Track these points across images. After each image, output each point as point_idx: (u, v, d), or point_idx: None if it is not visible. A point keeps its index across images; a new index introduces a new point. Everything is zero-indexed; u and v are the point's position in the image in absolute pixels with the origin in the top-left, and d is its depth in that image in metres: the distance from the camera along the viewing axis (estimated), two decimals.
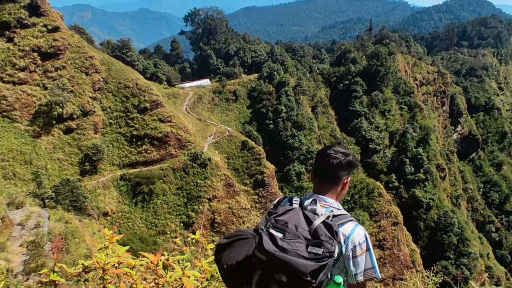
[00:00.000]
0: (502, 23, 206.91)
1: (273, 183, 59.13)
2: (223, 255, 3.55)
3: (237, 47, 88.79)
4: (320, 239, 3.20)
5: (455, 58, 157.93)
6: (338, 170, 3.71)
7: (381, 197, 64.85)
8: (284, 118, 72.82)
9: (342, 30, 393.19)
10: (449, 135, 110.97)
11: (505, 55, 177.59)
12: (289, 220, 3.33)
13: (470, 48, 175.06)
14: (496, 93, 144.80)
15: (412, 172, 79.87)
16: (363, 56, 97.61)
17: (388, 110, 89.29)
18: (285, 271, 3.11)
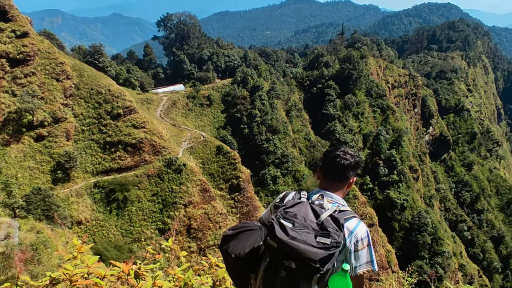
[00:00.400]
0: (469, 27, 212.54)
1: (248, 187, 59.08)
2: (230, 245, 3.78)
3: (210, 52, 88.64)
4: (328, 231, 3.44)
5: (425, 61, 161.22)
6: (348, 171, 4.04)
7: (356, 199, 65.60)
8: (259, 122, 72.96)
9: (315, 35, 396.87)
10: (421, 136, 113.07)
11: (473, 58, 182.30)
12: (297, 212, 3.57)
13: (439, 51, 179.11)
14: (465, 95, 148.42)
15: (386, 173, 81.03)
16: (336, 60, 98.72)
17: (361, 113, 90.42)
18: (294, 258, 3.31)
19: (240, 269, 3.82)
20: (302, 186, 68.76)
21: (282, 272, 3.43)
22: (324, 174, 4.10)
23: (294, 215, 3.53)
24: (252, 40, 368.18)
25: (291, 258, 3.33)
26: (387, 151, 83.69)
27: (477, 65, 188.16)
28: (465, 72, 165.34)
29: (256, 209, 57.33)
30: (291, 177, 70.14)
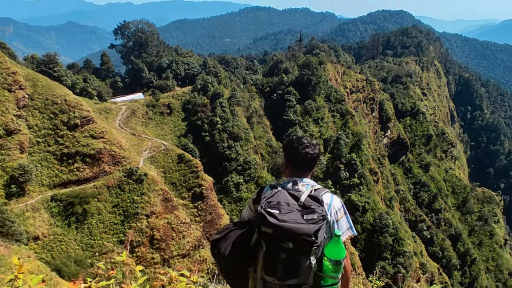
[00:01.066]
0: (422, 33, 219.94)
1: (211, 195, 58.64)
2: (221, 247, 3.99)
3: (169, 60, 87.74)
4: (311, 208, 3.81)
5: (381, 66, 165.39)
6: (316, 160, 4.43)
7: None
8: (220, 130, 72.71)
9: (273, 42, 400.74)
10: (379, 139, 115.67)
11: (426, 63, 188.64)
12: (279, 200, 3.88)
13: (394, 56, 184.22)
14: (420, 98, 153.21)
15: (347, 177, 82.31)
16: (295, 66, 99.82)
17: (321, 118, 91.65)
18: (291, 238, 3.62)
19: (236, 266, 4.01)
20: None
21: (282, 255, 3.71)
22: (294, 167, 4.39)
23: (277, 203, 3.83)
24: (211, 48, 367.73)
25: (288, 239, 3.62)
26: (348, 155, 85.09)
27: (430, 70, 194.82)
28: (419, 77, 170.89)
29: (220, 217, 56.97)
30: (254, 184, 70.13)
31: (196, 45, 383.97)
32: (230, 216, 62.51)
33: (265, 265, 3.82)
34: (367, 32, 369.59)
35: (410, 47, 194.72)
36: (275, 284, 3.83)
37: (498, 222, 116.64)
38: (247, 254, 3.95)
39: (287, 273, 3.77)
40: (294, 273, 3.76)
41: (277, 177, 74.94)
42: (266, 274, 3.83)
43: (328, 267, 3.76)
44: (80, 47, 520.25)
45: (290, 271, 3.76)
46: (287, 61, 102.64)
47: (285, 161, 4.50)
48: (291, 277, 3.77)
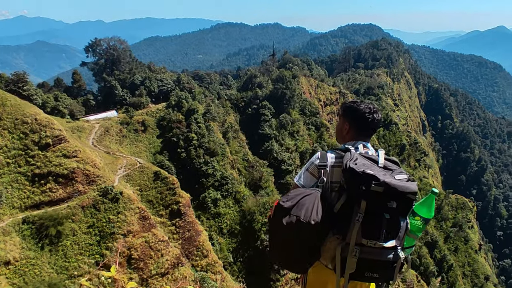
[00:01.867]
0: (391, 46, 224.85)
1: (189, 212, 57.87)
2: (300, 213, 3.67)
3: (142, 77, 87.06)
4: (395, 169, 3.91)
5: (353, 79, 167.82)
6: (379, 124, 4.54)
7: None
8: (196, 146, 72.19)
9: (246, 57, 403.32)
10: None
11: (396, 74, 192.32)
12: (363, 162, 3.81)
13: (366, 69, 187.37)
14: (392, 109, 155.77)
15: None
16: (269, 80, 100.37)
17: (297, 131, 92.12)
18: (396, 197, 3.60)
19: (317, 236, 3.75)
20: (243, 207, 68.43)
21: (385, 215, 3.65)
22: (359, 130, 4.42)
23: (363, 165, 3.76)
24: (184, 64, 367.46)
25: (393, 198, 3.59)
26: None
27: (401, 81, 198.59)
28: (391, 88, 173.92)
29: (198, 233, 56.20)
30: (232, 199, 69.68)
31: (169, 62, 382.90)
32: (209, 233, 61.83)
33: (364, 228, 3.64)
34: (338, 45, 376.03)
35: (380, 59, 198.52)
36: (375, 248, 3.67)
37: (472, 227, 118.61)
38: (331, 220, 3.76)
39: (388, 235, 3.69)
40: (394, 234, 3.70)
41: (254, 191, 74.65)
42: (366, 238, 3.65)
43: (418, 226, 3.85)
44: (50, 66, 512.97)
45: (391, 232, 3.69)
46: (261, 76, 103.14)
47: (347, 125, 4.46)
48: (390, 239, 3.69)
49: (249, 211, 67.50)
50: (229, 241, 65.35)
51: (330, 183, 4.05)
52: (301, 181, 4.18)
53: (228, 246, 65.01)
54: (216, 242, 62.95)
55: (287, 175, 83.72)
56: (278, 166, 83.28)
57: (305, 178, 4.17)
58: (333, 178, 4.06)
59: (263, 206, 67.00)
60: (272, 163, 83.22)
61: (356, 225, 3.62)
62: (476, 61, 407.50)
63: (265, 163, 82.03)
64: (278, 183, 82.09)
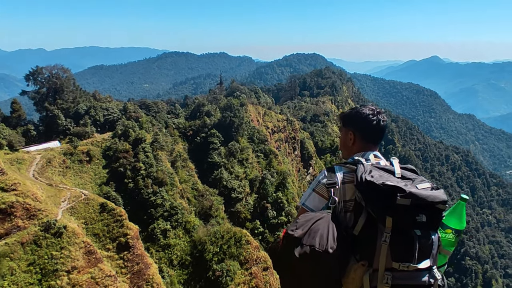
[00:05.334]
0: (335, 74, 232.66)
1: (138, 244, 55.93)
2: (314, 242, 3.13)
3: (87, 106, 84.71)
4: (417, 177, 3.41)
5: (299, 106, 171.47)
6: (386, 127, 4.16)
7: (249, 244, 65.45)
8: (144, 176, 70.51)
9: (193, 86, 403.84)
10: (303, 177, 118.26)
11: (340, 101, 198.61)
12: (380, 174, 3.36)
13: (311, 96, 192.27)
14: (338, 135, 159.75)
15: (275, 216, 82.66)
16: (217, 108, 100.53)
17: (246, 159, 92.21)
18: (427, 208, 3.11)
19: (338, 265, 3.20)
20: (194, 237, 67.05)
21: (416, 232, 3.15)
22: (365, 138, 3.99)
23: (381, 176, 3.30)
24: (130, 93, 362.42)
25: (423, 210, 3.12)
26: (274, 194, 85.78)
27: (345, 108, 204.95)
28: (336, 115, 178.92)
29: (148, 266, 54.29)
30: (182, 229, 68.16)
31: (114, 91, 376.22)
32: (159, 265, 59.88)
33: (394, 250, 3.13)
34: (283, 74, 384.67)
35: (325, 87, 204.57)
36: (408, 272, 3.18)
37: None
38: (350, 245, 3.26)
39: (421, 255, 3.17)
40: (427, 253, 3.19)
41: (205, 221, 73.51)
42: (397, 261, 3.14)
43: (450, 240, 3.31)
44: None
45: (424, 251, 3.18)
46: (209, 104, 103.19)
47: (352, 134, 4.05)
48: (424, 258, 3.18)
49: (200, 241, 66.18)
50: (180, 273, 63.55)
51: (343, 202, 3.61)
52: (309, 203, 3.72)
53: (179, 278, 63.15)
54: (166, 274, 60.99)
55: (237, 203, 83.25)
56: (228, 194, 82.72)
57: (313, 200, 3.72)
58: (346, 196, 3.62)
59: (214, 236, 65.97)
60: (222, 192, 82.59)
61: (384, 247, 3.15)
62: (414, 88, 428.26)
63: (215, 191, 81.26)
64: (228, 211, 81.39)
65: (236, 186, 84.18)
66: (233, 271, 60.02)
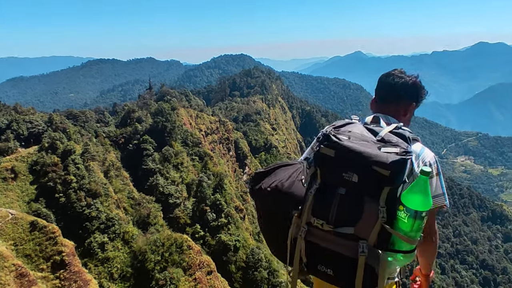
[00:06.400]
0: (263, 73, 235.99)
1: (74, 261, 53.67)
2: (264, 182, 3.14)
3: (8, 120, 79.88)
4: (392, 142, 2.84)
5: (231, 107, 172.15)
6: (403, 90, 3.55)
7: (191, 250, 64.83)
8: (76, 188, 67.71)
9: (122, 93, 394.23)
10: (239, 177, 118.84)
11: (271, 100, 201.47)
12: (351, 129, 3.01)
13: (242, 96, 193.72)
14: (271, 133, 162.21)
15: (215, 218, 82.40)
16: (148, 114, 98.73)
17: (181, 163, 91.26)
18: (358, 166, 2.67)
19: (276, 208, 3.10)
20: (134, 247, 65.42)
21: (340, 190, 2.81)
22: (378, 97, 3.65)
23: (349, 131, 2.98)
24: (55, 104, 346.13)
25: (354, 167, 2.71)
26: (212, 196, 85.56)
27: (276, 106, 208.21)
28: (267, 113, 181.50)
29: (87, 283, 52.23)
30: (120, 240, 66.18)
31: (37, 103, 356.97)
32: (98, 280, 57.82)
33: (315, 203, 2.92)
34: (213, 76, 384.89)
35: (255, 86, 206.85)
36: (323, 231, 2.91)
37: None
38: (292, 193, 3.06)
39: (341, 217, 2.82)
40: (351, 219, 2.78)
41: (143, 229, 71.89)
42: (314, 216, 2.92)
43: (403, 220, 2.69)
44: None
45: (347, 215, 2.81)
46: (139, 110, 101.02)
47: (373, 98, 3.80)
48: (345, 223, 2.80)
49: (140, 251, 64.63)
50: (121, 286, 61.71)
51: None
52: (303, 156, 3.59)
53: None
54: None
55: (175, 209, 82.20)
56: (165, 201, 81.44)
57: (306, 152, 3.59)
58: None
59: (154, 244, 64.68)
60: (159, 198, 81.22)
61: (309, 199, 2.96)
62: (341, 83, 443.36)
63: (151, 198, 79.75)
64: (167, 217, 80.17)
65: (173, 191, 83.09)
66: (176, 278, 59.26)
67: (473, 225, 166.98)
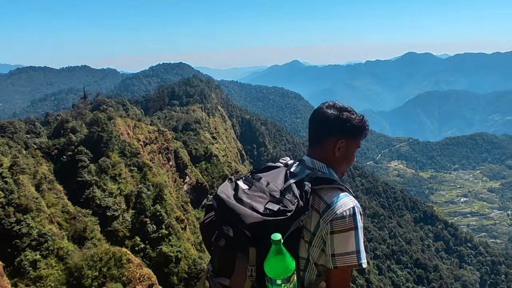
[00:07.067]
0: (203, 82, 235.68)
1: (2, 281, 50.29)
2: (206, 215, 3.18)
3: None
4: (283, 197, 2.67)
5: (170, 116, 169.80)
6: (323, 127, 3.08)
7: (131, 263, 62.79)
8: (4, 204, 63.46)
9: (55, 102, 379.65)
10: (180, 187, 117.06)
11: (211, 109, 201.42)
12: (264, 176, 2.86)
13: (181, 106, 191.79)
14: (211, 142, 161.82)
15: (155, 230, 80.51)
16: (83, 124, 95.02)
17: (119, 174, 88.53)
18: (232, 222, 2.62)
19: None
20: (69, 264, 62.43)
21: (221, 241, 2.81)
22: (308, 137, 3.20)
23: (259, 178, 2.83)
24: None
25: (229, 222, 2.64)
26: (152, 207, 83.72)
27: (216, 115, 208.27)
28: (207, 122, 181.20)
29: None
30: (54, 257, 62.85)
31: None
32: None
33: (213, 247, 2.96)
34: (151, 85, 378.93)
35: (194, 95, 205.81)
36: (212, 278, 2.98)
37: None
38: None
39: (219, 267, 2.88)
40: (226, 271, 2.79)
41: (80, 244, 68.84)
42: (210, 262, 3.04)
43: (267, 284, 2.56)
44: None
45: (223, 266, 2.84)
46: (73, 120, 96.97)
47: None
48: (223, 274, 2.84)
49: (76, 267, 61.68)
50: None
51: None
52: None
53: None
54: None
55: (114, 221, 79.43)
56: (103, 213, 78.45)
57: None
58: None
59: (91, 259, 61.94)
60: (96, 211, 78.09)
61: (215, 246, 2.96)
62: (279, 92, 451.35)
63: (88, 212, 76.51)
64: (105, 231, 77.24)
65: (111, 203, 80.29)
66: None
67: (407, 226, 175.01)
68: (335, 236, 2.68)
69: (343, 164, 3.25)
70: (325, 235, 2.72)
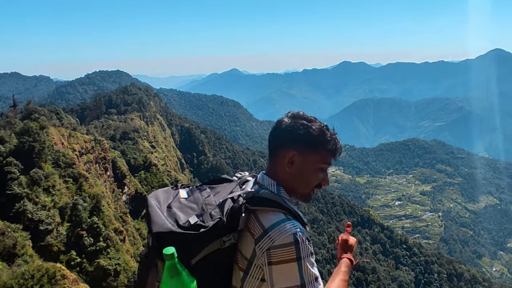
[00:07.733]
0: (141, 90, 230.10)
1: None
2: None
3: None
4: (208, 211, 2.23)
5: (107, 125, 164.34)
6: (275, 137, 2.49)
7: (66, 279, 59.79)
8: None
9: None
10: (118, 198, 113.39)
11: (149, 117, 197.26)
12: (211, 188, 2.46)
13: (118, 114, 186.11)
14: (150, 151, 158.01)
15: (92, 243, 77.28)
16: (12, 134, 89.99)
17: (53, 186, 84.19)
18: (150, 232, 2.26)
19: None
20: None
21: (143, 250, 2.53)
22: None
23: (204, 190, 2.42)
24: None
25: (150, 231, 2.25)
26: (88, 220, 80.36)
27: (155, 123, 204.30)
28: (146, 131, 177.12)
29: None
30: None
31: None
32: None
33: None
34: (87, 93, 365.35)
35: (132, 104, 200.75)
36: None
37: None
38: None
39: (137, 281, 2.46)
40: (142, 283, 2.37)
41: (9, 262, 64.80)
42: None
43: None
44: None
45: (139, 277, 2.55)
46: (1, 130, 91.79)
47: None
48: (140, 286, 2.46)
49: (5, 287, 58.12)
50: None
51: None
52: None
53: None
54: None
55: (47, 236, 75.50)
56: (35, 228, 74.22)
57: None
58: None
59: (22, 277, 58.34)
60: (28, 225, 73.54)
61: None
62: (219, 100, 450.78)
63: (18, 227, 71.79)
64: (37, 246, 73.07)
65: (44, 217, 76.04)
66: None
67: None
68: (273, 268, 2.21)
69: (300, 184, 2.59)
70: (263, 265, 2.25)
